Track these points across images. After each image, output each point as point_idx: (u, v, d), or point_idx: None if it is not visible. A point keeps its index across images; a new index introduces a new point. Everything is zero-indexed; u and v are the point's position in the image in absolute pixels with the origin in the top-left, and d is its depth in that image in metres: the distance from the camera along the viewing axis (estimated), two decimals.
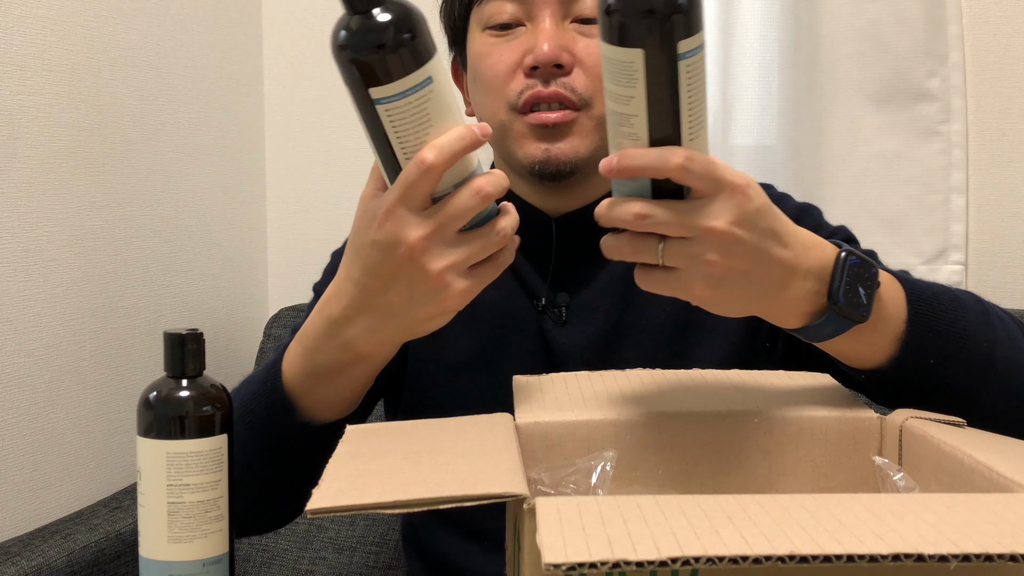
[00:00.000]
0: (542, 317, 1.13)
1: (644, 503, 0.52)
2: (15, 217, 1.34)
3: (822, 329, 0.80)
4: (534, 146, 1.08)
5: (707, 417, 0.72)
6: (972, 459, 0.64)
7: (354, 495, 0.55)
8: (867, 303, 0.81)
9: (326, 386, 0.92)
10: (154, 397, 0.88)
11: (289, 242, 1.99)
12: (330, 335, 0.89)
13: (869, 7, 1.68)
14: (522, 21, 1.08)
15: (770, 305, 0.80)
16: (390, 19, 0.77)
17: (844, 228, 1.13)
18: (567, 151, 1.07)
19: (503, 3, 1.09)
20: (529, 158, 1.08)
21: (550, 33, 1.06)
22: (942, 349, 0.85)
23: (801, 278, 0.80)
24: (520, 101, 1.07)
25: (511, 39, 1.09)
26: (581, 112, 1.07)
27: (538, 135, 1.07)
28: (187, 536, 0.86)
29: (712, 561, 0.46)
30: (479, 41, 1.11)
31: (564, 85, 1.06)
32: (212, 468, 0.87)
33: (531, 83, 1.06)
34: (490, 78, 1.09)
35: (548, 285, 1.14)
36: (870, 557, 0.47)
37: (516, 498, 0.55)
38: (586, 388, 0.78)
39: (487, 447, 0.63)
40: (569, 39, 1.07)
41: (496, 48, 1.09)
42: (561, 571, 0.45)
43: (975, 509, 0.52)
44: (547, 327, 1.13)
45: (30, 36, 1.36)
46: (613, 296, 1.13)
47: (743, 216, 0.77)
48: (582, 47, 1.07)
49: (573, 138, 1.07)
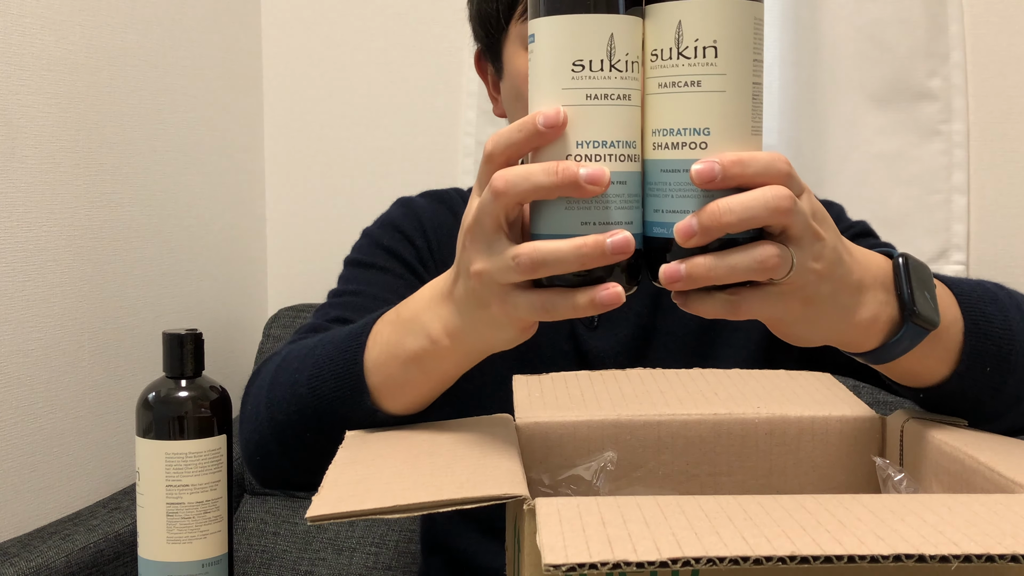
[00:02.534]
0: (573, 321, 1.12)
1: (644, 504, 0.52)
2: (15, 217, 1.33)
3: (898, 345, 0.72)
4: None
5: (708, 417, 0.72)
6: (973, 459, 0.63)
7: (354, 502, 0.55)
8: (935, 306, 0.72)
9: (405, 374, 0.81)
10: (153, 397, 0.88)
11: (289, 242, 1.99)
12: (432, 312, 0.78)
13: (870, 7, 1.68)
14: None
15: (851, 323, 0.71)
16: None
17: (863, 223, 1.12)
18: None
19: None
20: None
21: None
22: (995, 354, 0.77)
23: (870, 286, 0.71)
24: None
25: None
26: None
27: None
28: (186, 537, 0.86)
29: (713, 562, 0.46)
30: (524, 61, 1.05)
31: None
32: (211, 469, 0.87)
33: None
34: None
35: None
36: (871, 558, 0.47)
37: (516, 499, 0.55)
38: (586, 388, 0.77)
39: (487, 449, 0.62)
40: None
41: None
42: (561, 572, 0.45)
43: (976, 510, 0.52)
44: (579, 331, 1.13)
45: (30, 36, 1.36)
46: (644, 298, 1.12)
47: (821, 214, 0.69)
48: None
49: None
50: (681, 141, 0.67)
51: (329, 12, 1.93)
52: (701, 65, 0.67)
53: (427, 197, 1.26)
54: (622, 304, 0.65)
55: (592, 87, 0.67)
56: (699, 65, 0.67)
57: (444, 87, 1.89)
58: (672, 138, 0.68)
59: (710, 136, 0.66)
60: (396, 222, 1.21)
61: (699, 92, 0.67)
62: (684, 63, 0.67)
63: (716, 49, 0.66)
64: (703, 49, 0.67)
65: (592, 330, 1.13)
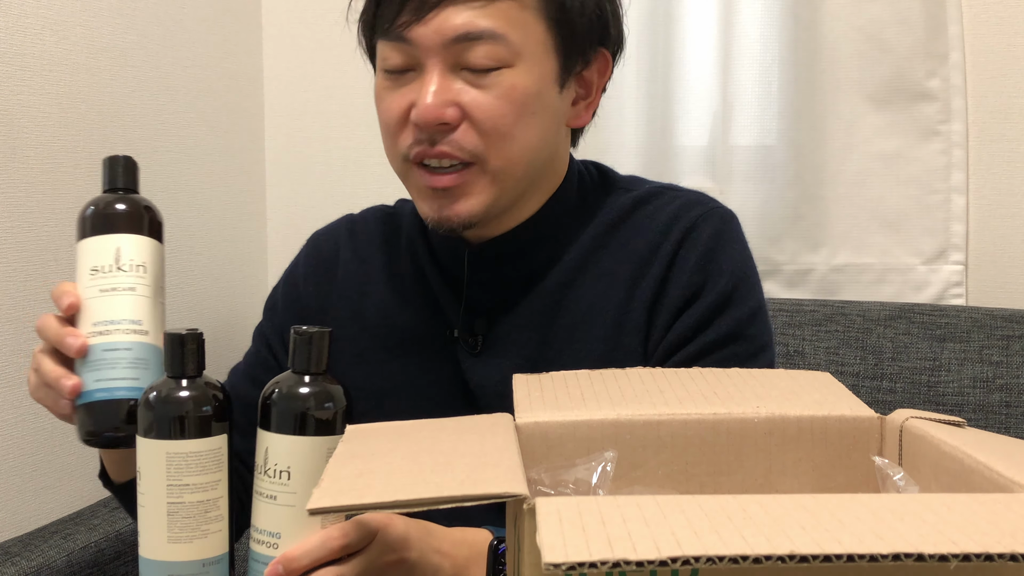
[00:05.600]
0: (456, 346, 1.11)
1: (644, 503, 0.52)
2: (15, 217, 1.34)
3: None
4: (428, 205, 1.04)
5: (707, 417, 0.72)
6: (972, 459, 0.63)
7: (354, 495, 0.55)
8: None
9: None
10: (154, 397, 0.88)
11: (289, 242, 1.98)
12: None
13: (869, 7, 1.68)
14: (412, 67, 1.02)
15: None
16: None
17: (745, 318, 1.07)
18: (461, 213, 1.03)
19: (390, 48, 1.02)
20: (425, 215, 1.05)
21: (434, 88, 0.99)
22: None
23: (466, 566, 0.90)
24: (411, 155, 1.03)
25: (401, 85, 1.03)
26: (473, 168, 1.02)
27: (430, 195, 1.04)
28: (187, 536, 0.86)
29: (712, 561, 0.46)
30: (377, 80, 1.07)
31: (451, 143, 1.00)
32: (212, 468, 0.87)
33: (420, 138, 1.01)
34: (384, 124, 1.06)
35: (463, 312, 1.11)
36: (870, 557, 0.47)
37: (516, 498, 0.55)
38: (586, 387, 0.77)
39: (487, 447, 0.63)
40: (456, 92, 1.00)
41: (388, 94, 1.04)
42: (561, 571, 0.45)
43: (975, 509, 0.52)
44: (461, 356, 1.11)
45: (30, 36, 1.36)
46: (532, 330, 1.10)
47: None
48: (470, 99, 1.00)
49: (467, 199, 1.03)
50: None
51: (329, 12, 1.93)
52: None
53: (317, 240, 1.30)
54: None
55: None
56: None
57: None
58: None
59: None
60: (274, 294, 1.28)
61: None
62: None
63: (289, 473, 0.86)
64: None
65: (475, 356, 1.10)
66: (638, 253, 1.08)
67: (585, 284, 1.09)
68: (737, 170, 1.75)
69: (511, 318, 1.10)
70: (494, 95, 1.00)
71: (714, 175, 1.73)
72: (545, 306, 1.09)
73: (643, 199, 1.12)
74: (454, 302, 1.12)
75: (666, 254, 1.07)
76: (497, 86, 1.00)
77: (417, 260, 1.16)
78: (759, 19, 1.73)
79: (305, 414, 0.86)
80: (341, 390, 0.88)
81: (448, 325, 1.12)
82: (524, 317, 1.10)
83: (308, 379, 0.88)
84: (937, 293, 1.70)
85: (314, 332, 0.88)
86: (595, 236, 1.11)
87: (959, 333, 1.54)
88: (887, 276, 1.73)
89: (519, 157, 1.03)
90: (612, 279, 1.09)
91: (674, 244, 1.07)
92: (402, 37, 1.00)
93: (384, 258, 1.19)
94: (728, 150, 1.76)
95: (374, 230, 1.22)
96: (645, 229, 1.09)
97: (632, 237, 1.10)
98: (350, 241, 1.22)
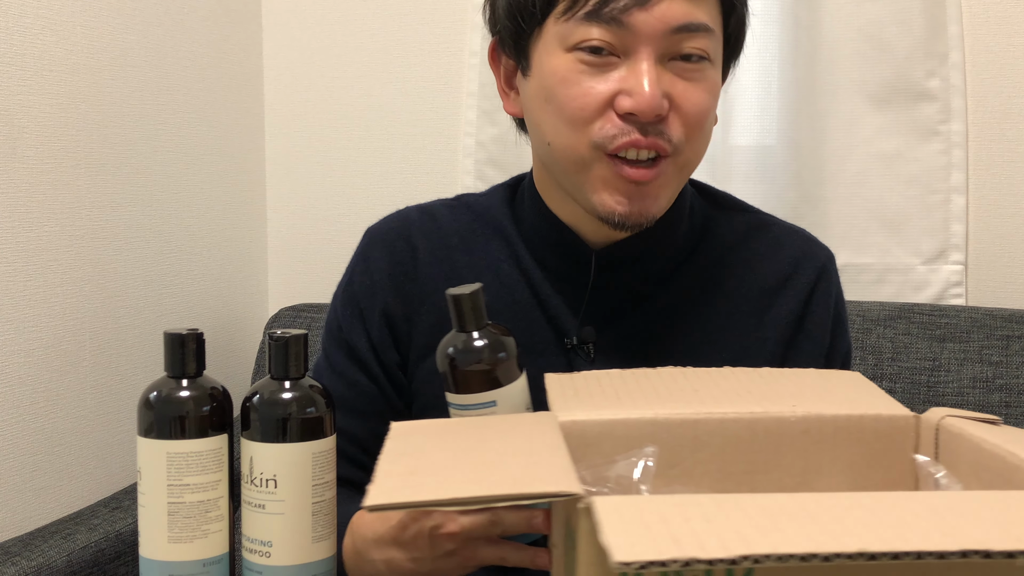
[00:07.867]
0: (571, 354, 1.08)
1: (702, 501, 0.52)
2: (15, 217, 1.32)
3: None
4: (616, 199, 0.99)
5: (743, 416, 0.72)
6: (1015, 456, 0.64)
7: (409, 492, 0.55)
8: None
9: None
10: (154, 397, 0.87)
11: (289, 242, 1.98)
12: (379, 552, 0.94)
13: (869, 7, 1.68)
14: (616, 51, 0.97)
15: None
16: (480, 345, 0.88)
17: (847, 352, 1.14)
18: (651, 208, 1.00)
19: (594, 27, 0.96)
20: (607, 209, 0.99)
21: (652, 78, 0.95)
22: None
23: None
24: (612, 146, 0.97)
25: (603, 71, 0.97)
26: (667, 160, 0.99)
27: (623, 189, 0.98)
28: (187, 536, 0.86)
29: (782, 559, 0.46)
30: (562, 62, 0.99)
31: (661, 134, 0.97)
32: (212, 468, 0.87)
33: (626, 128, 0.96)
34: (574, 110, 0.98)
35: (580, 320, 1.08)
36: (939, 554, 0.47)
37: (571, 497, 0.55)
38: (619, 386, 0.77)
39: (535, 446, 0.62)
40: (668, 83, 0.97)
41: (585, 78, 0.97)
42: (632, 569, 0.45)
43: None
44: (577, 365, 1.07)
45: (30, 36, 1.35)
46: (643, 335, 1.08)
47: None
48: (680, 91, 0.98)
49: (660, 194, 1.00)
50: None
51: (329, 12, 1.92)
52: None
53: (386, 237, 1.15)
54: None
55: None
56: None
57: (444, 87, 1.89)
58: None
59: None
60: (354, 302, 1.13)
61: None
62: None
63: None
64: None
65: (589, 364, 1.07)
66: (765, 281, 1.10)
67: (703, 300, 1.09)
68: (737, 170, 1.76)
69: (621, 327, 1.08)
70: (701, 88, 0.99)
71: (714, 175, 1.73)
72: (660, 309, 1.08)
73: (758, 226, 1.14)
74: (565, 307, 1.08)
75: (801, 291, 1.10)
76: (704, 80, 0.99)
77: (519, 262, 1.10)
78: (759, 19, 1.73)
79: (287, 420, 0.86)
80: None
81: (559, 331, 1.08)
82: (638, 322, 1.08)
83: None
84: (937, 293, 1.71)
85: (290, 336, 0.87)
86: (713, 255, 1.11)
87: (959, 333, 1.55)
88: (887, 276, 1.73)
89: (702, 152, 1.03)
90: (737, 302, 1.09)
91: (808, 282, 1.10)
92: (620, 21, 0.96)
93: (467, 258, 1.12)
94: (728, 150, 1.76)
95: (449, 227, 1.14)
96: (770, 258, 1.11)
97: (756, 264, 1.11)
98: (426, 240, 1.13)
